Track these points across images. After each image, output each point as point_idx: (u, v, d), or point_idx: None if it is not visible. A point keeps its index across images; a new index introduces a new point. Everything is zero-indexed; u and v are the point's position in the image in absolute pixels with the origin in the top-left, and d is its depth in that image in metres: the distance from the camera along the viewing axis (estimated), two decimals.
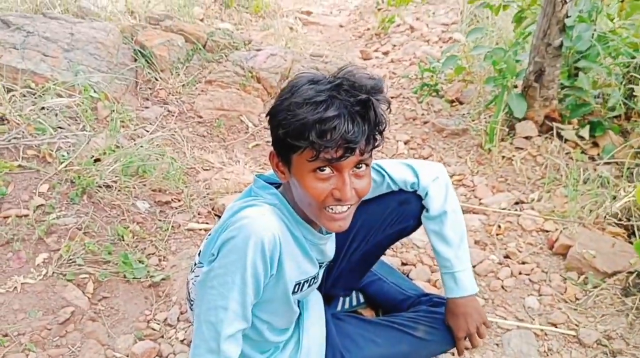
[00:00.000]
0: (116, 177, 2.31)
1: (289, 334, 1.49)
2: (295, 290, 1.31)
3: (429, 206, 1.49)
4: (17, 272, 1.90)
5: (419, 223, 1.57)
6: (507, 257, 2.20)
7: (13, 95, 2.51)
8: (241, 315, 1.15)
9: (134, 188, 2.35)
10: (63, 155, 2.29)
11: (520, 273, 2.11)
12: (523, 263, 2.16)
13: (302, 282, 1.32)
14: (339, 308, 1.86)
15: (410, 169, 1.50)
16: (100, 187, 2.26)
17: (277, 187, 1.29)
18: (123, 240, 2.10)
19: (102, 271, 1.95)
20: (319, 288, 1.64)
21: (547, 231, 2.32)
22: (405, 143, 3.13)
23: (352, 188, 1.13)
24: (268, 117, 1.16)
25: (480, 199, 2.60)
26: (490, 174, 2.77)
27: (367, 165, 1.16)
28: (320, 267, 1.40)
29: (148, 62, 3.19)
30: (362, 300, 1.90)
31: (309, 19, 5.78)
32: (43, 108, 2.51)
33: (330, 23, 5.90)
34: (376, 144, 1.13)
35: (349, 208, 1.17)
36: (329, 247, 1.41)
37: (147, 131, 2.82)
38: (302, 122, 1.05)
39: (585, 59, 2.81)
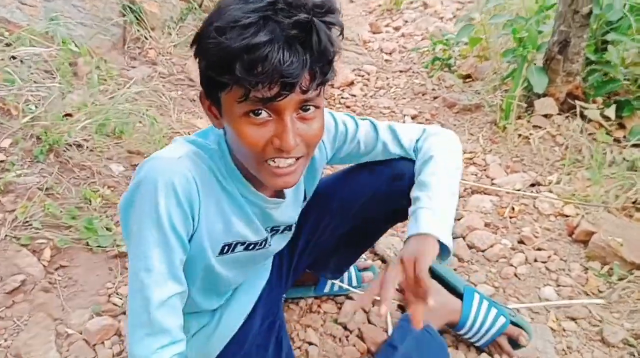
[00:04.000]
0: (88, 135, 2.08)
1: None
2: (225, 250, 1.07)
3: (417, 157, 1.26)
4: None
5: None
6: (521, 242, 1.96)
7: None
8: (170, 275, 0.92)
9: (108, 148, 2.12)
10: (30, 109, 2.06)
11: (535, 261, 1.87)
12: (539, 249, 1.92)
13: (234, 243, 1.08)
14: (326, 290, 1.63)
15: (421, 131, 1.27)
16: (70, 145, 2.03)
17: None
18: (90, 205, 1.87)
19: (62, 237, 1.73)
20: (284, 262, 1.42)
21: (566, 216, 2.07)
22: (413, 118, 2.87)
23: (297, 134, 0.89)
24: (193, 47, 0.90)
25: (492, 179, 2.35)
26: (505, 153, 2.52)
27: (316, 107, 0.90)
28: (272, 232, 1.18)
29: (137, 19, 2.94)
30: (356, 282, 1.67)
31: None
32: (14, 57, 2.27)
33: None
34: (324, 78, 0.87)
35: (295, 160, 0.93)
36: (281, 213, 1.15)
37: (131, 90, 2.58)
38: (225, 50, 0.81)
39: (615, 32, 2.54)
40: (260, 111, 0.86)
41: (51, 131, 2.00)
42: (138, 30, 2.92)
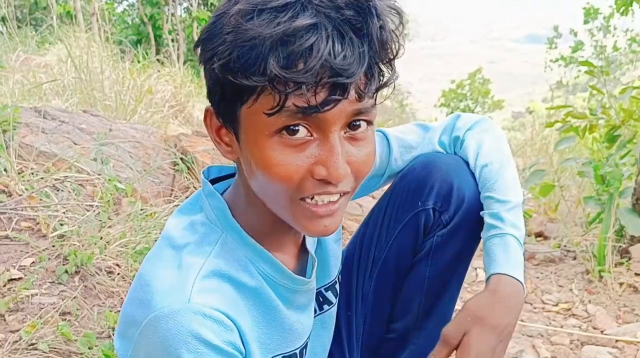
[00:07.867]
0: (122, 259, 1.80)
1: None
2: None
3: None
4: None
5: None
6: None
7: (24, 173, 2.15)
8: None
9: None
10: (62, 227, 1.83)
11: None
12: None
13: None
14: None
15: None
16: (100, 269, 1.74)
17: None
18: (113, 333, 1.51)
19: None
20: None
21: None
22: None
23: (346, 160, 0.65)
24: (198, 49, 0.68)
25: (602, 331, 1.91)
26: (608, 303, 2.10)
27: (368, 122, 0.67)
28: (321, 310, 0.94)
29: (188, 168, 2.85)
30: None
31: None
32: (55, 186, 2.12)
33: None
34: (383, 81, 0.65)
35: (340, 196, 0.69)
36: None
37: None
38: (252, 42, 0.59)
39: None
40: (297, 127, 0.63)
41: (81, 251, 1.73)
42: (188, 178, 2.81)
